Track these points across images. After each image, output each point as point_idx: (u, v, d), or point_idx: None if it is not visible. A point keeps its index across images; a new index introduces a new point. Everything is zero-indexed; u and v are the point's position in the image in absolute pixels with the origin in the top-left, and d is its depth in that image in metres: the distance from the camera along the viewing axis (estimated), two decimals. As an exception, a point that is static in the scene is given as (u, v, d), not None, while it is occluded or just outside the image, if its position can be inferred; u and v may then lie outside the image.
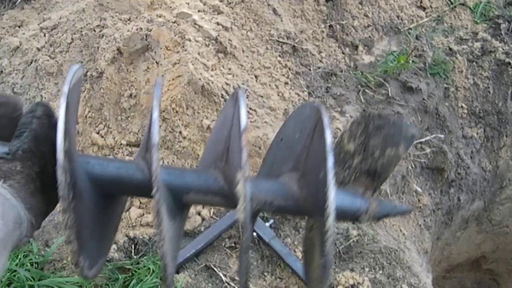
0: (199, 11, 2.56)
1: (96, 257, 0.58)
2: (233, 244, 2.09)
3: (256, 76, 2.56)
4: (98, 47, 2.30)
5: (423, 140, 2.85)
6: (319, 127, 0.60)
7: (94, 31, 2.38)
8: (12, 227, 0.51)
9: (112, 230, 0.67)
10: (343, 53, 3.02)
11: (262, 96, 2.49)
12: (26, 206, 0.53)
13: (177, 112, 2.20)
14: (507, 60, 3.20)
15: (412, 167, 2.76)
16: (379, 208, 0.65)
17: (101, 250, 0.61)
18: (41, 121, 0.57)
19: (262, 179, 0.66)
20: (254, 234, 2.11)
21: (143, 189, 0.60)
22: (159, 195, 0.53)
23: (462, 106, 3.15)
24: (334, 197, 0.54)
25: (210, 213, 2.17)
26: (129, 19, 2.45)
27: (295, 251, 2.11)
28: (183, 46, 2.31)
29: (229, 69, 2.44)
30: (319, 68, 2.84)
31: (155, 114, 0.55)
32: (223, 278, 1.99)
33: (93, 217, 0.58)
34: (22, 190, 0.53)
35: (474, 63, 3.19)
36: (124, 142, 2.23)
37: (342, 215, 0.64)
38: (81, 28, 2.42)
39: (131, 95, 2.26)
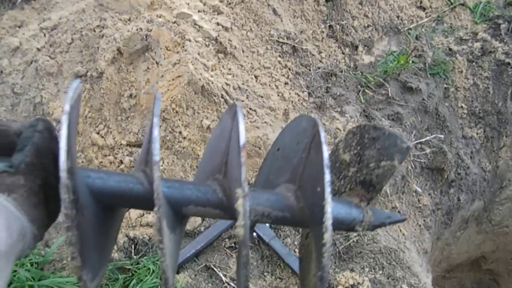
0: (199, 11, 2.56)
1: (98, 269, 0.59)
2: (233, 244, 2.09)
3: (256, 76, 2.56)
4: (98, 47, 2.30)
5: (423, 140, 2.85)
6: (316, 141, 0.61)
7: (94, 31, 2.38)
8: (16, 239, 0.52)
9: (112, 240, 0.68)
10: (343, 53, 3.02)
11: (262, 96, 2.49)
12: (29, 218, 0.54)
13: (177, 112, 2.20)
14: (507, 60, 3.20)
15: (412, 167, 2.76)
16: (374, 218, 0.66)
17: (102, 260, 0.62)
18: (42, 134, 0.58)
19: (260, 190, 0.67)
20: (254, 234, 2.11)
21: (144, 202, 0.61)
22: (161, 213, 0.53)
23: (462, 106, 3.15)
24: (331, 212, 0.55)
25: (210, 213, 2.17)
26: (129, 19, 2.45)
27: (295, 251, 2.11)
28: (183, 46, 2.31)
29: (229, 69, 2.44)
30: (319, 68, 2.84)
31: (155, 133, 0.56)
32: (223, 278, 1.99)
33: (94, 229, 0.59)
34: (25, 203, 0.54)
35: (474, 63, 3.19)
36: (124, 142, 2.23)
37: (338, 225, 0.65)
38: (81, 28, 2.42)
39: (131, 95, 2.26)
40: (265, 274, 2.06)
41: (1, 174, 0.55)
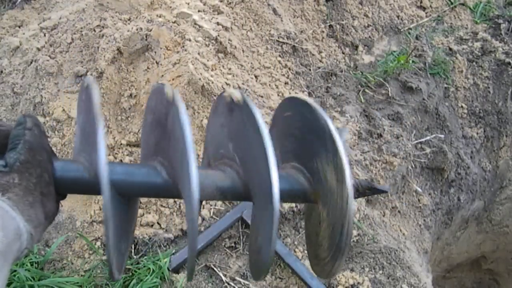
0: (199, 11, 2.56)
1: (121, 260, 0.59)
2: (233, 244, 2.09)
3: (256, 76, 2.56)
4: (98, 47, 2.30)
5: (423, 140, 2.85)
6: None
7: (94, 31, 2.37)
8: (13, 238, 0.51)
9: (131, 234, 0.68)
10: (343, 53, 3.02)
11: (262, 96, 2.49)
12: (25, 218, 0.54)
13: (177, 112, 2.20)
14: (507, 60, 3.19)
15: (412, 167, 2.75)
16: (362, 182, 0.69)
17: (124, 253, 0.62)
18: (32, 131, 0.58)
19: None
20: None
21: (163, 189, 0.62)
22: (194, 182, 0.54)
23: (462, 106, 3.15)
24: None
25: (210, 213, 2.17)
26: (129, 19, 2.44)
27: (295, 251, 2.11)
28: (183, 46, 2.31)
29: (229, 69, 2.44)
30: (319, 68, 2.84)
31: (184, 114, 0.57)
32: (223, 278, 1.98)
33: (116, 221, 0.59)
34: (20, 202, 0.54)
35: (474, 63, 3.19)
36: (124, 142, 2.23)
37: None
38: (81, 28, 2.42)
39: (131, 95, 2.26)
40: (265, 274, 2.06)
41: None
